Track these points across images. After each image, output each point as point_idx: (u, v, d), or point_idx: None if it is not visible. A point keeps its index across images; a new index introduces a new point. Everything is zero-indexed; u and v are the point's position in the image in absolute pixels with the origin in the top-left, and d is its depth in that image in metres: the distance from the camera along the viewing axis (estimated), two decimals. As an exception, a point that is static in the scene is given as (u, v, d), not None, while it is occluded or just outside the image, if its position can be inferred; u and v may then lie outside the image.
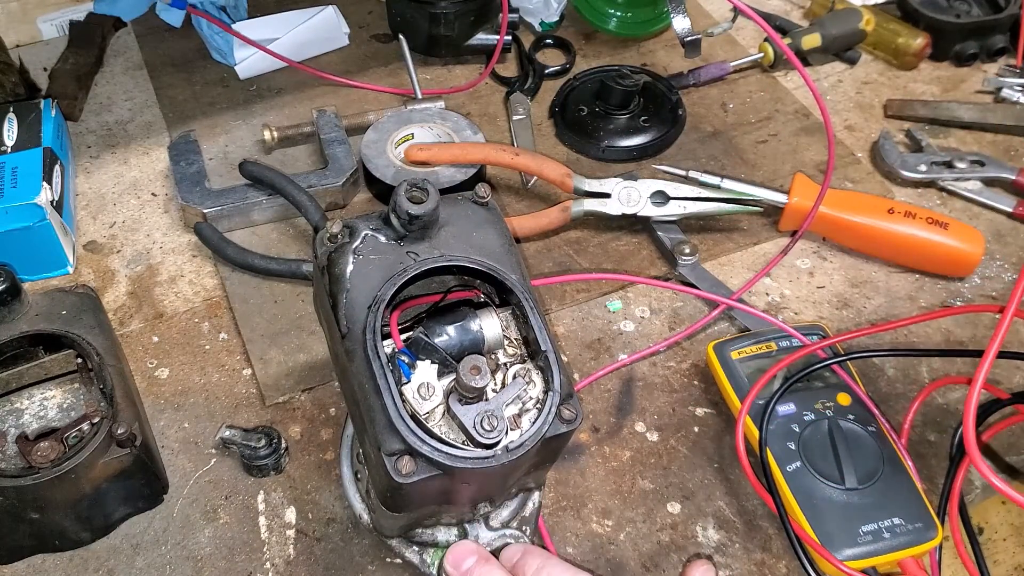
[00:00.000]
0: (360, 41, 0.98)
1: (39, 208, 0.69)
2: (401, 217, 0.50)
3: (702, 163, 0.87)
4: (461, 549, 0.51)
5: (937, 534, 0.57)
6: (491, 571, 0.49)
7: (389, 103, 0.90)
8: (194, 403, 0.66)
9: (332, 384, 0.68)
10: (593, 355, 0.71)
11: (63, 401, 0.58)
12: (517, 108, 0.89)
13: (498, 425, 0.44)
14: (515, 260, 0.52)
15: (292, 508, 0.61)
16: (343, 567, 0.58)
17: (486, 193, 0.55)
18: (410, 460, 0.44)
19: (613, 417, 0.67)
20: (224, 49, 0.92)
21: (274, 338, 0.70)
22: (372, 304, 0.48)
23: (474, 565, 0.49)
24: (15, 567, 0.57)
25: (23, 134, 0.74)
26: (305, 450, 0.64)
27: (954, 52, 0.98)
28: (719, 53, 0.98)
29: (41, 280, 0.74)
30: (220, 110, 0.89)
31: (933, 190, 0.85)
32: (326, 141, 0.81)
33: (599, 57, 0.98)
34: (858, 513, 0.58)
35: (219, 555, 0.58)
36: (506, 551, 0.52)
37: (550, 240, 0.79)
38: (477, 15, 0.93)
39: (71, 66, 0.89)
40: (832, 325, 0.73)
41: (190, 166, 0.78)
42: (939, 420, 0.67)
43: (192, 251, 0.77)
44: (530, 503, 0.60)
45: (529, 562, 0.49)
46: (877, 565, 0.57)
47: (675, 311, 0.74)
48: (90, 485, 0.54)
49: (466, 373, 0.44)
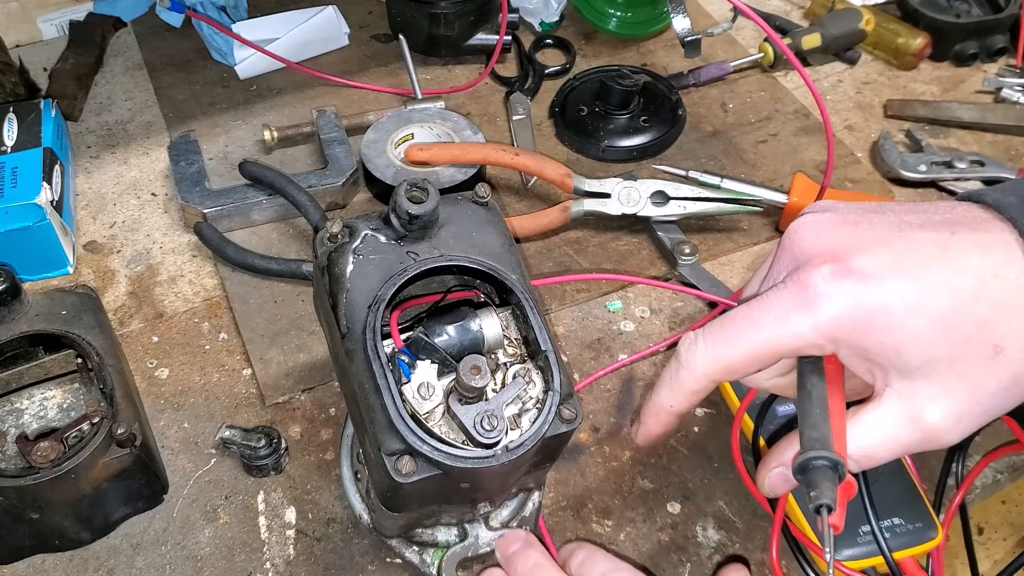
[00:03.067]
0: (360, 41, 0.98)
1: (39, 208, 0.69)
2: (401, 217, 0.50)
3: (702, 163, 0.87)
4: (511, 535, 0.53)
5: (937, 534, 0.57)
6: (532, 555, 0.51)
7: (389, 103, 0.90)
8: (194, 403, 0.66)
9: (332, 384, 0.68)
10: (593, 355, 0.71)
11: (63, 401, 0.58)
12: (517, 108, 0.89)
13: (498, 425, 0.44)
14: (515, 260, 0.52)
15: (292, 508, 0.61)
16: (343, 567, 0.58)
17: (486, 193, 0.55)
18: (410, 460, 0.44)
19: (613, 417, 0.67)
20: (224, 49, 0.92)
21: (274, 338, 0.70)
22: (372, 304, 0.48)
23: (519, 549, 0.51)
24: (15, 567, 0.57)
25: (23, 134, 0.74)
26: (305, 450, 0.64)
27: (954, 52, 0.98)
28: (719, 53, 0.98)
29: (41, 280, 0.74)
30: (220, 110, 0.89)
31: (933, 190, 0.85)
32: (326, 141, 0.81)
33: (599, 57, 0.98)
34: (858, 513, 0.58)
35: (219, 555, 0.58)
36: (563, 549, 0.55)
37: (550, 240, 0.79)
38: (477, 15, 0.93)
39: (71, 66, 0.89)
40: (832, 325, 0.73)
41: (190, 166, 0.78)
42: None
43: (192, 251, 0.77)
44: (530, 503, 0.60)
45: (576, 554, 0.52)
46: (877, 565, 0.57)
47: (675, 311, 0.74)
48: (90, 485, 0.54)
49: (466, 373, 0.44)
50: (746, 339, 0.42)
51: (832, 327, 0.39)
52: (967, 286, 0.38)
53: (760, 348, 0.41)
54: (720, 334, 0.43)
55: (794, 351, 0.41)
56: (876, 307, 0.39)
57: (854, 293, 0.39)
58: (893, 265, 0.39)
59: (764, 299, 0.42)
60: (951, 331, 0.38)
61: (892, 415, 0.41)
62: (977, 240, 0.39)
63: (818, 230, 0.43)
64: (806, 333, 0.40)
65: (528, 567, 0.51)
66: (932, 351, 0.38)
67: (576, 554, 0.52)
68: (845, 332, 0.39)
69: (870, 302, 0.39)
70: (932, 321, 0.38)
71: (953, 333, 0.38)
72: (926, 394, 0.39)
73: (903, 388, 0.40)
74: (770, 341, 0.41)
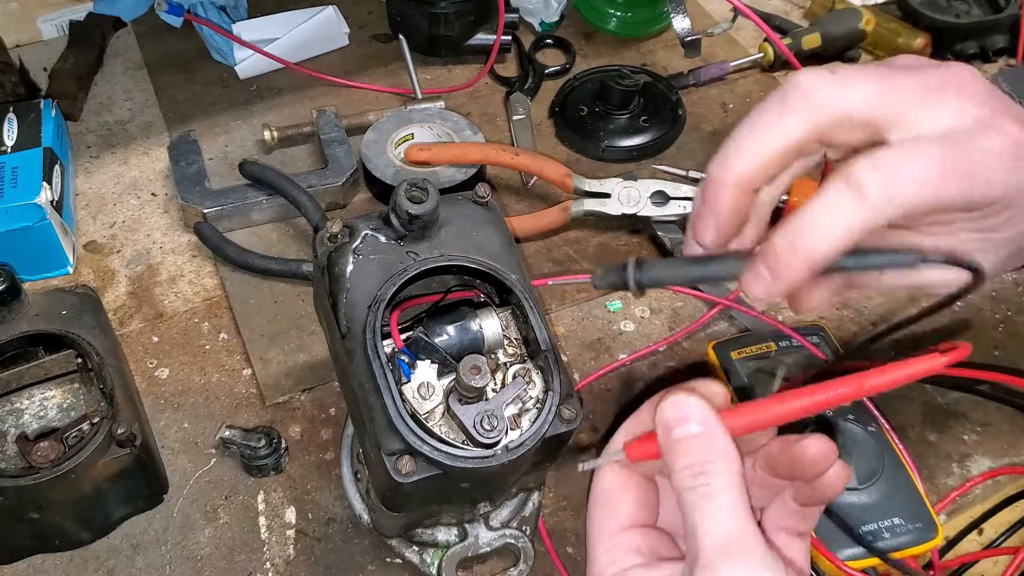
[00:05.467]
0: (360, 41, 0.98)
1: (39, 208, 0.69)
2: (401, 217, 0.50)
3: (702, 163, 0.86)
4: (682, 405, 0.37)
5: (937, 534, 0.57)
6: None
7: (389, 103, 0.90)
8: (194, 403, 0.66)
9: (332, 384, 0.68)
10: (593, 355, 0.71)
11: (63, 401, 0.58)
12: (517, 108, 0.89)
13: (498, 425, 0.44)
14: (515, 260, 0.52)
15: (292, 508, 0.61)
16: (343, 567, 0.58)
17: (486, 193, 0.55)
18: (410, 460, 0.44)
19: (613, 417, 0.67)
20: (224, 49, 0.92)
21: (274, 338, 0.70)
22: (372, 304, 0.48)
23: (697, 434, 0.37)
24: (15, 567, 0.57)
25: (23, 134, 0.74)
26: (305, 450, 0.64)
27: (954, 52, 0.98)
28: (719, 53, 0.98)
29: (41, 280, 0.74)
30: (220, 110, 0.89)
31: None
32: (326, 141, 0.81)
33: (599, 57, 0.98)
34: (858, 513, 0.58)
35: (219, 555, 0.58)
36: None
37: (550, 240, 0.79)
38: (477, 15, 0.93)
39: (71, 66, 0.89)
40: (832, 325, 0.73)
41: (190, 166, 0.78)
42: (939, 420, 0.67)
43: (192, 251, 0.77)
44: (530, 503, 0.60)
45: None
46: (877, 565, 0.57)
47: (675, 311, 0.74)
48: (90, 485, 0.54)
49: (466, 373, 0.44)
50: (752, 143, 0.42)
51: (825, 120, 0.39)
52: (968, 121, 0.37)
53: (764, 150, 0.41)
54: (731, 145, 0.43)
55: (791, 146, 0.40)
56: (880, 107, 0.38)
57: (837, 94, 0.39)
58: (883, 86, 0.39)
59: (757, 110, 0.42)
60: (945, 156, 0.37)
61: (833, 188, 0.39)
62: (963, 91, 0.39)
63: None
64: (797, 129, 0.40)
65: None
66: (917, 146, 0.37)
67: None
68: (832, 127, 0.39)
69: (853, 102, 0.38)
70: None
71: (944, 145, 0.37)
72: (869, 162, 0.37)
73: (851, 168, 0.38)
74: (776, 142, 0.41)
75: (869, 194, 0.36)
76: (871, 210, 0.36)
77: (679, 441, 0.36)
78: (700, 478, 0.35)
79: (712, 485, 0.35)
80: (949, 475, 0.65)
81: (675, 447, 0.36)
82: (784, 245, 0.37)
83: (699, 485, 0.35)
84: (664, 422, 0.37)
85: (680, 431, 0.36)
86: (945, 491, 0.63)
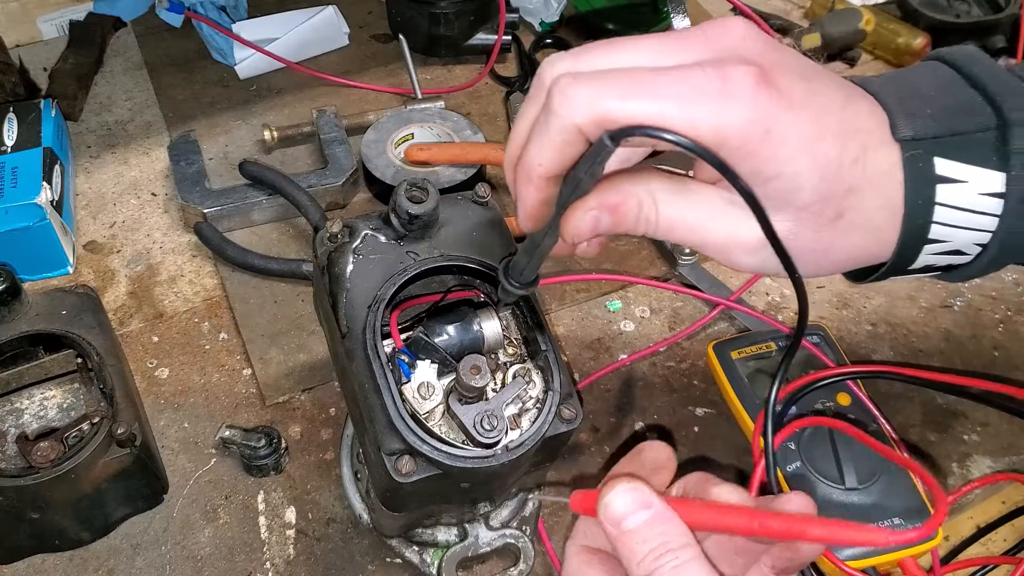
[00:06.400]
0: (360, 41, 0.98)
1: (39, 208, 0.69)
2: (401, 217, 0.50)
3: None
4: (624, 493, 0.37)
5: (936, 534, 0.57)
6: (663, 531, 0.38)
7: (389, 103, 0.90)
8: (194, 403, 0.66)
9: (332, 384, 0.68)
10: (593, 355, 0.71)
11: (63, 401, 0.58)
12: (517, 108, 0.89)
13: (498, 425, 0.44)
14: (515, 260, 0.52)
15: (292, 508, 0.61)
16: (343, 567, 0.58)
17: (486, 193, 0.55)
18: (410, 460, 0.44)
19: (613, 417, 0.67)
20: (224, 49, 0.92)
21: (274, 338, 0.70)
22: (372, 304, 0.48)
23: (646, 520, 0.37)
24: (15, 567, 0.57)
25: (23, 134, 0.74)
26: (305, 450, 0.64)
27: (954, 52, 0.98)
28: (719, 53, 0.98)
29: (41, 280, 0.74)
30: (220, 110, 0.89)
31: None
32: (326, 141, 0.81)
33: (599, 57, 0.98)
34: (858, 513, 0.58)
35: (219, 555, 0.58)
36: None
37: (550, 240, 0.79)
38: (477, 15, 0.93)
39: (71, 66, 0.89)
40: (832, 325, 0.73)
41: (190, 166, 0.78)
42: (939, 420, 0.67)
43: (192, 251, 0.77)
44: (530, 503, 0.60)
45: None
46: (877, 565, 0.57)
47: (675, 311, 0.74)
48: (90, 485, 0.54)
49: (466, 373, 0.44)
50: (639, 98, 0.36)
51: (730, 130, 0.36)
52: (854, 147, 0.38)
53: (648, 113, 0.36)
54: (610, 83, 0.37)
55: (679, 131, 0.37)
56: (777, 131, 0.37)
57: (767, 108, 0.36)
58: (804, 100, 0.38)
59: (676, 70, 0.37)
60: (824, 182, 0.38)
61: (715, 198, 0.41)
62: (872, 106, 0.39)
63: (752, 34, 0.39)
64: (703, 123, 0.36)
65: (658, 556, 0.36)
66: (799, 193, 0.38)
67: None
68: (739, 141, 0.37)
69: (775, 123, 0.37)
70: (815, 167, 0.37)
71: (824, 184, 0.38)
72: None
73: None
74: (665, 111, 0.36)
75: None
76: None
77: (635, 531, 0.36)
78: (667, 556, 0.35)
79: (680, 558, 0.34)
80: (949, 475, 0.65)
81: (632, 537, 0.36)
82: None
83: (667, 563, 0.35)
84: (611, 517, 0.36)
85: (632, 520, 0.36)
86: (945, 491, 0.63)
